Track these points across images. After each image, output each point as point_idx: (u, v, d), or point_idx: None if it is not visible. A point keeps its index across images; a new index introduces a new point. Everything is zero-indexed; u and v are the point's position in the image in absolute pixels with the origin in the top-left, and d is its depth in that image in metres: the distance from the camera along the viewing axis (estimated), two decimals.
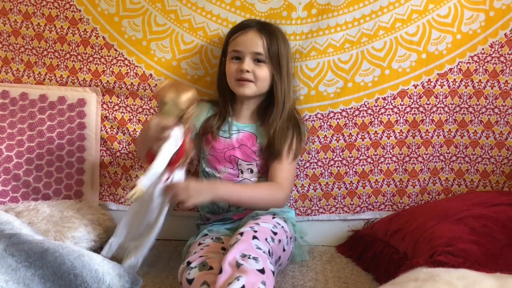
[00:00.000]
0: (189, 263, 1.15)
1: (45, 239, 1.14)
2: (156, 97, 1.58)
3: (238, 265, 1.03)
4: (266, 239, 1.17)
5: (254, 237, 1.15)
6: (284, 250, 1.29)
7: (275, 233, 1.24)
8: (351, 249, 1.53)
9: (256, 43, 1.40)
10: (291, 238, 1.35)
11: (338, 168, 1.60)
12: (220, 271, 1.04)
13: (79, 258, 1.05)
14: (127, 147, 1.62)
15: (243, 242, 1.12)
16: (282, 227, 1.31)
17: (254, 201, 1.38)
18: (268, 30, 1.42)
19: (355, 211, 1.62)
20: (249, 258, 1.06)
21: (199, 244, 1.28)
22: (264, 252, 1.11)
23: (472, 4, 1.51)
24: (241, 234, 1.17)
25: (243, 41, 1.41)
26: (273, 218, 1.32)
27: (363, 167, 1.60)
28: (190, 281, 1.09)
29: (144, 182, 1.12)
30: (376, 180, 1.60)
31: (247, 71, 1.39)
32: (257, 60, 1.41)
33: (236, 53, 1.42)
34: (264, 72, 1.41)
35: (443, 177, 1.60)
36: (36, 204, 1.51)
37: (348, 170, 1.60)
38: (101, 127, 1.62)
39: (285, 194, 1.42)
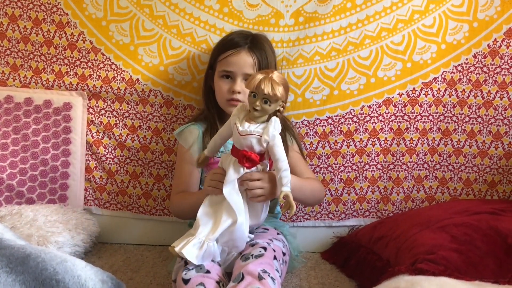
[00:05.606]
0: (186, 263, 1.16)
1: (28, 244, 1.13)
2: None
3: (259, 278, 1.08)
4: (279, 261, 1.21)
5: (275, 257, 1.19)
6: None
7: (284, 254, 1.27)
8: (336, 255, 1.54)
9: (248, 64, 1.37)
10: (289, 254, 1.36)
11: (324, 175, 1.61)
12: (242, 278, 1.08)
13: (62, 263, 1.04)
14: (112, 151, 1.62)
15: (265, 258, 1.15)
16: (286, 245, 1.33)
17: (315, 193, 1.40)
18: (258, 47, 1.40)
19: (340, 217, 1.63)
20: (268, 275, 1.09)
21: None
22: (280, 276, 1.16)
23: (456, 15, 1.54)
24: (264, 248, 1.19)
25: (234, 61, 1.38)
26: (278, 234, 1.34)
27: (348, 174, 1.61)
28: (186, 281, 1.11)
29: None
30: (361, 187, 1.62)
31: (239, 93, 1.37)
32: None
33: (227, 72, 1.39)
34: None
35: (427, 185, 1.62)
36: (19, 208, 1.49)
37: (333, 177, 1.61)
38: (87, 131, 1.61)
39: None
